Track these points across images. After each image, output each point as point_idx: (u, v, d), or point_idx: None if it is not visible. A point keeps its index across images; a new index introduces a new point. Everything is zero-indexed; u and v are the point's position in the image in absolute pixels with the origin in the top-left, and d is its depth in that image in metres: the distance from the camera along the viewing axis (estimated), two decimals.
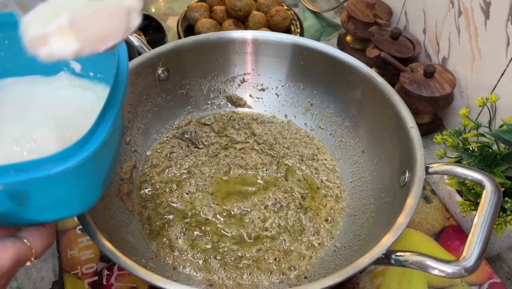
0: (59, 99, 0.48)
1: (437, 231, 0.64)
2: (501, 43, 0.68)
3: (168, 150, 0.69)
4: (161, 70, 0.68)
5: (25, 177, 0.33)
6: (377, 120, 0.65)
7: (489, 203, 0.46)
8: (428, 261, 0.43)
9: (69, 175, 0.35)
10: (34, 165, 0.33)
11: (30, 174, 0.33)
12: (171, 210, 0.62)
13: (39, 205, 0.37)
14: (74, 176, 0.36)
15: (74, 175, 0.35)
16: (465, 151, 0.61)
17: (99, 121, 0.37)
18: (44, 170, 0.33)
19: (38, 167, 0.33)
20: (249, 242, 0.59)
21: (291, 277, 0.56)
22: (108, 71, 0.47)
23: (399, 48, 0.83)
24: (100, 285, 0.58)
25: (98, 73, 0.49)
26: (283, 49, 0.71)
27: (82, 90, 0.49)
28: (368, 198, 0.62)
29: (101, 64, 0.48)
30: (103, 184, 0.43)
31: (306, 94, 0.74)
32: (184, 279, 0.55)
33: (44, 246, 0.39)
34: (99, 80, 0.50)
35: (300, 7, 1.07)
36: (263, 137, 0.72)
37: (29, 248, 0.38)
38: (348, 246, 0.58)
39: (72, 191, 0.38)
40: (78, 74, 0.50)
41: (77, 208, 0.41)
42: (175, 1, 1.09)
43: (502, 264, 0.66)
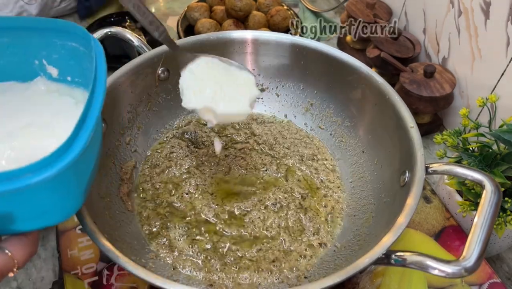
0: (36, 105, 0.48)
1: (437, 231, 0.64)
2: (501, 43, 0.68)
3: (168, 150, 0.69)
4: (161, 70, 0.68)
5: (3, 188, 0.32)
6: (377, 120, 0.65)
7: (489, 203, 0.46)
8: (428, 261, 0.43)
9: (49, 184, 0.34)
10: (12, 175, 0.32)
11: (8, 184, 0.32)
12: (171, 210, 0.62)
13: (19, 215, 0.36)
14: (54, 184, 0.35)
15: (55, 183, 0.35)
16: (465, 151, 0.61)
17: (79, 128, 0.36)
18: (23, 180, 0.32)
19: (17, 177, 0.32)
20: (249, 242, 0.59)
21: (291, 277, 0.56)
22: (86, 75, 0.47)
23: (399, 48, 0.83)
24: (100, 285, 0.58)
25: (75, 77, 0.49)
26: (283, 49, 0.71)
27: (60, 96, 0.48)
28: (368, 198, 0.62)
29: (78, 68, 0.48)
30: (85, 191, 0.42)
31: (306, 94, 0.74)
32: (184, 279, 0.55)
33: (26, 256, 0.38)
34: (77, 84, 0.49)
35: (300, 7, 1.07)
36: (263, 138, 0.72)
37: (11, 258, 0.37)
38: (348, 246, 0.58)
39: (52, 200, 0.37)
40: (55, 79, 0.49)
41: (58, 216, 0.40)
42: (175, 1, 1.09)
43: (502, 264, 0.66)
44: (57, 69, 0.49)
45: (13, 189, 0.32)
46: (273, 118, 0.75)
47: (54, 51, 0.48)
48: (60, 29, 0.46)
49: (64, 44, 0.47)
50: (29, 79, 0.49)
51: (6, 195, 0.33)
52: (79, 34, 0.45)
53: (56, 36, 0.46)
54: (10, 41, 0.47)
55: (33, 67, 0.49)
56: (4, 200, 0.33)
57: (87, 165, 0.40)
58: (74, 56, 0.47)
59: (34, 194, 0.34)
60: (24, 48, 0.47)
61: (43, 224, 0.39)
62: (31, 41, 0.47)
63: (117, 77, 0.63)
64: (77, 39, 0.46)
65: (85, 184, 0.41)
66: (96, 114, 0.38)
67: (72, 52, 0.47)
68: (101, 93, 0.39)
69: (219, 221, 0.61)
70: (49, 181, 0.34)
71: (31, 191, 0.34)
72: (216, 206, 0.62)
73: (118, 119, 0.65)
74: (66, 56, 0.47)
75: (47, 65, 0.49)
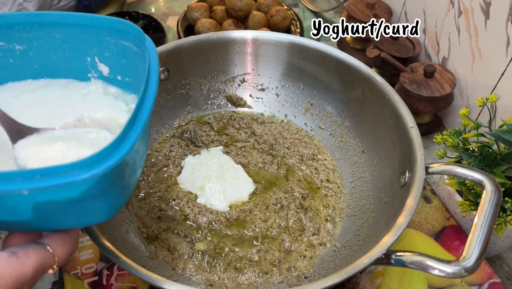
0: (91, 104, 0.48)
1: (437, 231, 0.64)
2: (501, 43, 0.68)
3: (167, 149, 0.69)
4: (161, 70, 0.68)
5: (51, 183, 0.32)
6: (377, 120, 0.65)
7: (489, 203, 0.46)
8: (428, 261, 0.43)
9: (95, 182, 0.34)
10: (61, 170, 0.32)
11: (56, 179, 0.32)
12: (169, 209, 0.62)
13: (63, 212, 0.36)
14: (100, 183, 0.34)
15: (101, 182, 0.34)
16: (465, 151, 0.61)
17: (128, 128, 0.35)
18: (70, 176, 0.32)
19: (65, 173, 0.32)
20: (249, 242, 0.59)
21: (291, 277, 0.56)
22: (136, 75, 0.47)
23: (399, 48, 0.83)
24: (100, 285, 0.58)
25: (126, 77, 0.49)
26: (283, 49, 0.71)
27: (115, 99, 0.48)
28: (368, 198, 0.62)
29: (129, 68, 0.47)
30: (130, 191, 0.41)
31: (306, 94, 0.74)
32: (184, 279, 0.55)
33: (67, 254, 0.38)
34: (128, 87, 0.49)
35: (300, 7, 1.07)
36: (264, 137, 0.72)
37: (51, 255, 0.36)
38: (348, 246, 0.58)
39: (98, 198, 0.36)
40: (106, 78, 0.49)
41: (102, 215, 0.39)
42: (175, 1, 1.09)
43: (502, 264, 0.66)
44: (108, 67, 0.49)
45: (59, 184, 0.32)
46: (273, 118, 0.75)
47: (106, 49, 0.47)
48: (114, 28, 0.45)
49: (117, 42, 0.46)
50: (82, 76, 0.50)
51: (51, 190, 0.32)
52: (133, 34, 0.44)
53: (109, 34, 0.46)
54: (63, 37, 0.47)
55: (85, 64, 0.49)
56: (49, 195, 0.33)
57: (133, 164, 0.40)
58: (126, 55, 0.47)
59: (79, 191, 0.34)
60: (76, 45, 0.47)
61: (86, 223, 0.39)
62: (84, 38, 0.47)
63: None
64: (131, 39, 0.45)
65: (131, 184, 0.41)
66: (146, 116, 0.37)
67: (124, 51, 0.47)
68: (153, 95, 0.39)
69: (219, 221, 0.61)
70: (96, 179, 0.33)
71: (77, 188, 0.33)
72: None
73: None
74: (118, 55, 0.47)
75: (98, 63, 0.49)
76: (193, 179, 0.64)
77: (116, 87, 0.50)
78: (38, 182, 0.32)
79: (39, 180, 0.32)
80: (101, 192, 0.36)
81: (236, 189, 0.64)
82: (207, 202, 0.62)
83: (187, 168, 0.66)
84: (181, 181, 0.65)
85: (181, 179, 0.65)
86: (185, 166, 0.66)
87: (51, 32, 0.46)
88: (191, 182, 0.64)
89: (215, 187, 0.63)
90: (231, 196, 0.63)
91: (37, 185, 0.32)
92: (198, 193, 0.63)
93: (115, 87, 0.50)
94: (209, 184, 0.63)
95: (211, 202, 0.62)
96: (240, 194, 0.63)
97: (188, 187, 0.64)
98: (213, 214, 0.61)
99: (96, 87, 0.49)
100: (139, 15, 0.99)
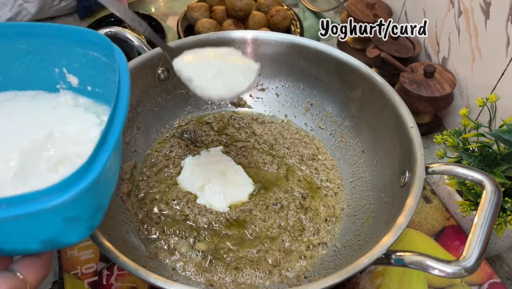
0: (61, 117, 0.46)
1: (437, 231, 0.64)
2: (501, 43, 0.68)
3: (167, 149, 0.69)
4: (161, 70, 0.68)
5: (17, 212, 0.31)
6: (377, 120, 0.65)
7: (489, 203, 0.46)
8: (428, 261, 0.43)
9: (65, 206, 0.33)
10: (28, 198, 0.31)
11: (24, 208, 0.31)
12: (168, 209, 0.62)
13: (33, 236, 0.35)
14: (70, 207, 0.34)
15: (71, 206, 0.33)
16: (465, 151, 0.61)
17: (98, 148, 0.35)
18: (39, 204, 0.31)
19: (33, 200, 0.31)
20: (249, 242, 0.59)
21: (291, 277, 0.56)
22: (107, 86, 0.46)
23: (399, 48, 0.82)
24: (100, 285, 0.58)
25: (96, 87, 0.48)
26: (283, 49, 0.71)
27: (85, 112, 0.47)
28: (368, 198, 0.62)
29: (99, 78, 0.47)
30: (102, 212, 0.40)
31: (306, 94, 0.74)
32: (184, 279, 0.55)
33: (38, 279, 0.37)
34: (99, 98, 0.48)
35: (300, 7, 1.07)
36: (264, 137, 0.72)
37: (23, 282, 0.35)
38: (348, 246, 0.58)
39: (68, 222, 0.35)
40: (76, 88, 0.48)
41: (76, 236, 0.38)
42: (175, 1, 1.09)
43: (502, 264, 0.66)
44: (77, 78, 0.48)
45: (28, 212, 0.31)
46: (273, 118, 0.75)
47: (75, 60, 0.47)
48: (82, 38, 0.45)
49: (86, 53, 0.45)
50: (50, 87, 0.48)
51: (21, 218, 0.32)
52: (101, 44, 0.44)
53: (77, 45, 0.45)
54: (28, 48, 0.46)
55: (53, 75, 0.48)
56: (18, 222, 0.32)
57: (105, 186, 0.39)
58: (96, 66, 0.46)
59: (50, 216, 0.33)
60: (43, 56, 0.46)
61: (59, 245, 0.38)
62: (50, 48, 0.46)
63: None
64: (99, 49, 0.44)
65: (103, 205, 0.40)
66: (117, 134, 0.36)
67: (93, 62, 0.46)
68: (123, 112, 0.38)
69: (219, 221, 0.61)
70: (66, 204, 0.32)
71: (48, 213, 0.32)
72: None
73: None
74: (87, 66, 0.46)
75: (67, 74, 0.48)
76: (193, 180, 0.64)
77: (87, 98, 0.48)
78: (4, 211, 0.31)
79: (5, 210, 0.31)
80: (73, 216, 0.35)
81: (236, 189, 0.63)
82: (207, 202, 0.62)
83: (186, 168, 0.66)
84: (181, 181, 0.65)
85: (181, 179, 0.65)
86: (185, 166, 0.66)
87: (15, 43, 0.45)
88: (191, 182, 0.64)
89: (215, 188, 0.63)
90: (231, 196, 0.63)
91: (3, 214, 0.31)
92: (198, 193, 0.63)
93: (85, 97, 0.48)
94: (208, 185, 0.63)
95: (210, 202, 0.62)
96: (240, 194, 0.63)
97: (188, 187, 0.64)
98: (213, 214, 0.61)
99: (65, 98, 0.48)
100: (139, 15, 0.99)
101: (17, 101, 0.47)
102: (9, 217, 0.31)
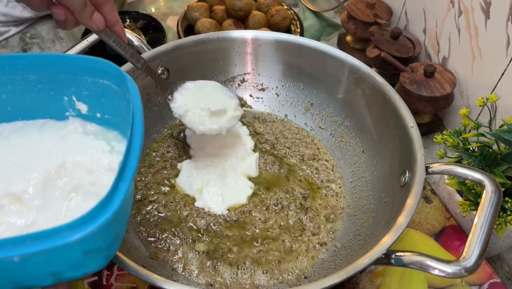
0: (72, 146, 0.46)
1: (437, 231, 0.64)
2: (501, 43, 0.68)
3: (164, 149, 0.69)
4: (161, 70, 0.68)
5: (42, 247, 0.31)
6: (377, 120, 0.65)
7: (489, 203, 0.46)
8: (428, 261, 0.43)
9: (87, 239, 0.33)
10: (52, 233, 0.32)
11: (48, 243, 0.31)
12: (166, 211, 0.62)
13: (54, 270, 0.35)
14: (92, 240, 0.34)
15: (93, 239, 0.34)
16: (465, 151, 0.61)
17: (118, 179, 0.35)
18: (62, 238, 0.32)
19: (56, 235, 0.32)
20: (249, 242, 0.59)
21: (291, 277, 0.56)
22: (116, 112, 0.46)
23: (399, 48, 0.82)
24: (100, 285, 0.58)
25: (106, 114, 0.48)
26: (283, 49, 0.71)
27: (96, 139, 0.47)
28: (368, 198, 0.62)
29: (109, 105, 0.47)
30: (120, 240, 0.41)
31: (306, 94, 0.74)
32: (184, 279, 0.55)
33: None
34: (108, 124, 0.48)
35: (300, 7, 1.07)
36: (265, 136, 0.72)
37: None
38: (348, 246, 0.58)
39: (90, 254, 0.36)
40: (86, 116, 0.48)
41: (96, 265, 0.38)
42: (175, 1, 1.09)
43: (502, 264, 0.66)
44: (86, 106, 0.48)
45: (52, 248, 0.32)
46: (275, 118, 0.75)
47: (84, 88, 0.47)
48: (92, 67, 0.45)
49: (95, 81, 0.46)
50: (59, 115, 0.48)
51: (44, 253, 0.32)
52: (112, 73, 0.44)
53: (87, 73, 0.45)
54: (38, 78, 0.46)
55: (62, 103, 0.48)
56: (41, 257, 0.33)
57: (123, 214, 0.39)
58: (106, 94, 0.46)
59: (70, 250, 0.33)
60: (53, 85, 0.47)
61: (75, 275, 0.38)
62: (60, 77, 0.46)
63: None
64: (110, 77, 0.45)
65: (121, 233, 0.40)
66: (134, 165, 0.36)
67: (103, 90, 0.46)
68: (139, 141, 0.38)
69: (219, 222, 0.61)
70: (88, 237, 0.33)
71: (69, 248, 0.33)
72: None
73: None
74: (97, 93, 0.47)
75: (76, 102, 0.48)
76: (191, 182, 0.64)
77: (96, 124, 0.48)
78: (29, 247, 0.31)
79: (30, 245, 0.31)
80: (94, 248, 0.35)
81: (234, 192, 0.63)
82: (205, 205, 0.62)
83: (184, 171, 0.65)
84: (179, 183, 0.64)
85: (179, 182, 0.65)
86: (182, 169, 0.66)
87: (25, 74, 0.45)
88: (189, 185, 0.64)
89: (213, 190, 0.63)
90: (229, 199, 0.62)
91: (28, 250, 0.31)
92: (196, 196, 0.63)
93: (94, 124, 0.48)
94: (207, 187, 0.63)
95: (209, 205, 0.62)
96: (238, 197, 0.63)
97: (186, 190, 0.63)
98: (211, 216, 0.61)
99: (74, 126, 0.48)
100: (139, 15, 0.99)
101: (26, 131, 0.47)
102: (33, 253, 0.31)
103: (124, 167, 0.36)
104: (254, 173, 0.66)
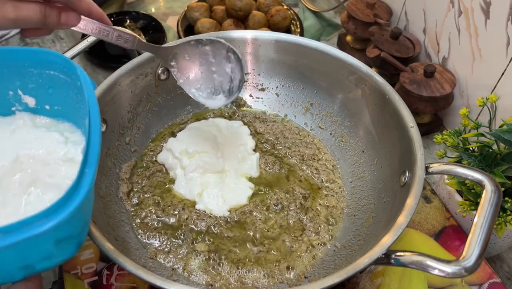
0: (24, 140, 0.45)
1: (437, 231, 0.64)
2: (501, 43, 0.68)
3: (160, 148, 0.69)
4: (161, 70, 0.68)
5: (15, 239, 0.31)
6: (377, 120, 0.65)
7: (489, 203, 0.46)
8: (428, 261, 0.43)
9: (59, 227, 0.33)
10: (23, 225, 0.32)
11: (21, 234, 0.32)
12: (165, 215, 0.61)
13: (26, 263, 0.35)
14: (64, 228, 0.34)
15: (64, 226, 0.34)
16: (465, 151, 0.61)
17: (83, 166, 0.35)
18: (35, 228, 0.32)
19: (28, 226, 0.32)
20: (250, 243, 0.59)
21: (291, 277, 0.56)
22: (66, 102, 0.45)
23: (399, 48, 0.82)
24: (100, 285, 0.58)
25: (55, 105, 0.47)
26: (283, 49, 0.71)
27: (48, 131, 0.46)
28: (368, 198, 0.62)
29: (58, 96, 0.46)
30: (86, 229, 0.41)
31: (306, 94, 0.74)
32: (184, 279, 0.55)
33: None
34: (59, 115, 0.47)
35: (300, 7, 1.07)
36: (265, 136, 0.72)
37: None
38: (348, 246, 0.58)
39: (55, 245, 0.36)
40: (33, 109, 0.47)
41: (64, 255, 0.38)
42: (175, 1, 1.09)
43: (502, 264, 0.66)
44: (34, 99, 0.47)
45: (25, 238, 0.32)
46: (275, 117, 0.75)
47: (30, 81, 0.45)
48: (36, 58, 0.43)
49: (41, 72, 0.44)
50: (5, 110, 0.47)
51: (18, 245, 0.32)
52: (58, 62, 0.43)
53: (32, 65, 0.44)
54: None
55: (7, 98, 0.47)
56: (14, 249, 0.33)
57: (90, 201, 0.39)
58: (53, 84, 0.45)
59: (43, 240, 0.34)
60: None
61: (47, 266, 0.38)
62: (3, 72, 0.45)
63: (117, 77, 0.63)
64: (56, 67, 0.43)
65: (88, 220, 0.40)
66: (97, 150, 0.36)
67: (50, 81, 0.45)
68: (98, 126, 0.38)
69: (219, 222, 0.61)
70: (60, 225, 0.33)
71: (41, 237, 0.33)
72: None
73: (118, 119, 0.65)
74: (44, 85, 0.45)
75: (22, 95, 0.47)
76: (190, 187, 0.63)
77: (45, 117, 0.47)
78: (3, 240, 0.31)
79: (3, 238, 0.31)
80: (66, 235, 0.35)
81: (235, 193, 0.63)
82: (206, 208, 0.61)
83: (180, 179, 0.64)
84: (177, 190, 0.64)
85: (176, 188, 0.64)
86: (177, 177, 0.64)
87: None
88: (188, 190, 0.63)
89: (214, 192, 0.62)
90: (230, 200, 0.62)
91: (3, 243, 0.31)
92: (197, 199, 0.62)
93: (44, 117, 0.47)
94: (207, 190, 0.63)
95: (210, 208, 0.61)
96: (239, 198, 0.63)
97: (186, 195, 0.63)
98: (212, 218, 0.61)
99: (23, 120, 0.47)
100: (139, 15, 0.99)
101: None
102: (6, 246, 0.31)
103: (87, 153, 0.36)
104: (255, 173, 0.66)
